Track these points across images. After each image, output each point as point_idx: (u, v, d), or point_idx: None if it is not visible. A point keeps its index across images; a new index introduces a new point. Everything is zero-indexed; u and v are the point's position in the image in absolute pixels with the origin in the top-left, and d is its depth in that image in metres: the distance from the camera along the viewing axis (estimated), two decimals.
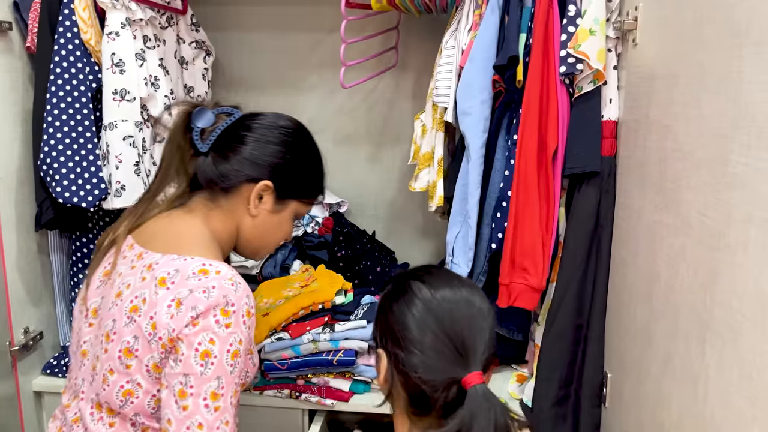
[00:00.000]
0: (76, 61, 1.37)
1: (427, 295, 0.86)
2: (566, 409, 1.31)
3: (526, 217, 1.26)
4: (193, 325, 0.90)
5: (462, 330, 0.83)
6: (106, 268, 1.04)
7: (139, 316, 0.93)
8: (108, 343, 0.95)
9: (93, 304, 1.03)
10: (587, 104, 1.25)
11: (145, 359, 0.92)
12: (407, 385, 0.84)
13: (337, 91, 1.84)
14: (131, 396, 0.94)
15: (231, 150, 1.03)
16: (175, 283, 0.93)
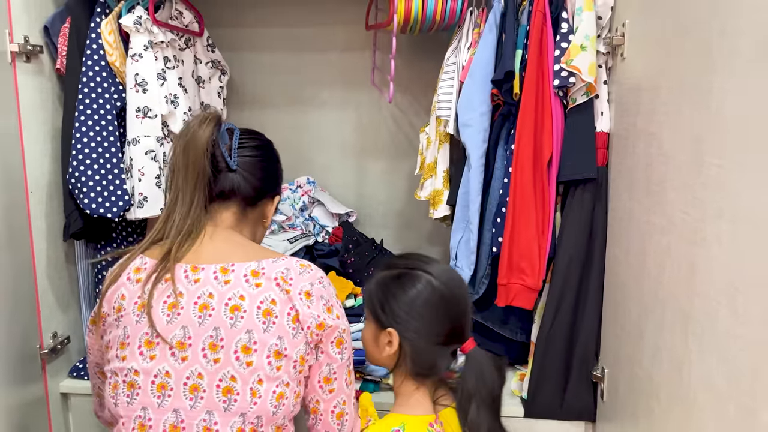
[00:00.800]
0: (102, 81, 1.47)
1: (435, 282, 1.04)
2: (560, 402, 1.38)
3: (522, 221, 1.34)
4: (329, 311, 1.02)
5: (458, 307, 1.06)
6: (168, 302, 0.99)
7: (276, 317, 0.98)
8: (250, 356, 0.96)
9: (175, 338, 0.98)
10: (581, 115, 1.33)
11: (294, 354, 0.98)
12: (416, 354, 1.05)
13: (347, 107, 1.93)
14: (283, 398, 0.98)
15: (254, 167, 1.09)
16: (294, 278, 1.01)
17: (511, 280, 1.36)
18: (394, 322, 1.05)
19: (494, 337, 1.56)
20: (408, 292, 1.05)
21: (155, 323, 0.98)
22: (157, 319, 0.98)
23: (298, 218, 1.86)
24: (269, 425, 0.98)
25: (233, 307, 0.98)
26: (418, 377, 1.08)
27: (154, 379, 0.97)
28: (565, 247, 1.35)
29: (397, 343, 1.05)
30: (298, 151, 1.98)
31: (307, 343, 1.00)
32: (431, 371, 1.07)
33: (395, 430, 1.04)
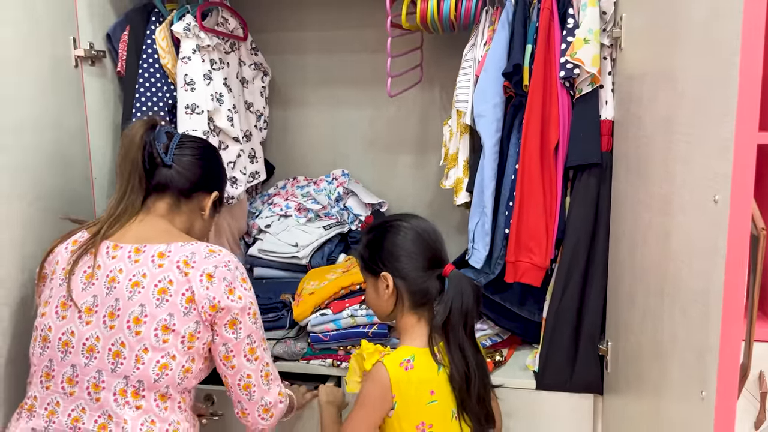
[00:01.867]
0: (156, 82, 1.66)
1: (407, 225, 1.29)
2: (569, 375, 1.47)
3: (531, 203, 1.44)
4: (230, 293, 1.15)
5: (434, 240, 1.28)
6: (87, 271, 1.15)
7: (170, 295, 1.13)
8: (139, 326, 1.11)
9: (85, 304, 1.14)
10: (587, 104, 1.42)
11: (182, 331, 1.13)
12: (409, 286, 1.26)
13: (380, 105, 2.07)
14: (166, 369, 1.12)
15: (190, 164, 1.27)
16: (197, 262, 1.15)
17: (520, 258, 1.46)
18: (385, 266, 1.27)
19: (513, 317, 1.66)
20: (388, 239, 1.27)
21: (72, 289, 1.14)
22: (74, 285, 1.15)
23: (333, 208, 2.00)
24: (151, 391, 1.12)
25: (134, 283, 1.13)
26: (416, 308, 1.27)
27: (61, 336, 1.14)
28: (572, 228, 1.45)
29: (392, 282, 1.25)
30: (333, 146, 2.13)
31: (199, 322, 1.14)
32: (425, 297, 1.25)
33: (407, 359, 1.22)
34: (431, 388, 1.22)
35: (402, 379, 1.21)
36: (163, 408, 1.14)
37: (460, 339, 1.22)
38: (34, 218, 1.33)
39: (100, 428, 1.11)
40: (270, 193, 2.11)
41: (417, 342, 1.26)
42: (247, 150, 1.94)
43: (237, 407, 1.25)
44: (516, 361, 1.63)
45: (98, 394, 1.11)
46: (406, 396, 1.21)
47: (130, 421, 1.10)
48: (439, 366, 1.23)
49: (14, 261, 1.25)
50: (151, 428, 1.12)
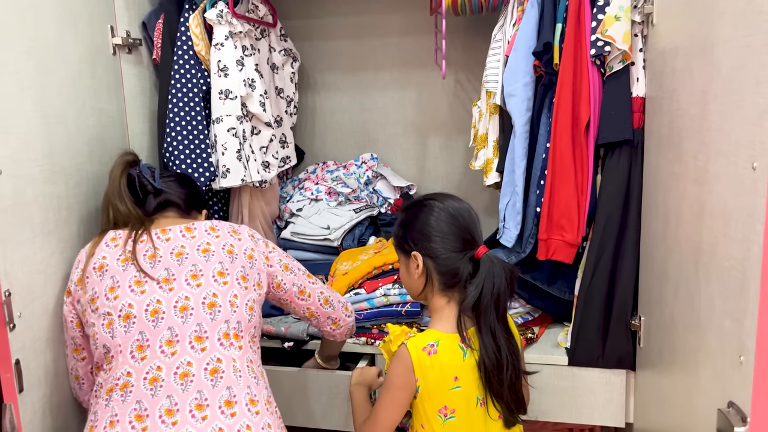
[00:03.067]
0: (191, 69, 1.69)
1: (440, 205, 1.28)
2: (601, 351, 1.49)
3: (562, 180, 1.45)
4: (266, 245, 1.37)
5: (467, 221, 1.28)
6: (147, 254, 1.24)
7: (236, 255, 1.29)
8: (225, 277, 1.25)
9: (161, 276, 1.22)
10: (618, 81, 1.43)
11: (253, 278, 1.29)
12: (439, 267, 1.26)
13: (407, 88, 2.09)
14: (253, 311, 1.26)
15: (176, 186, 1.41)
16: (238, 230, 1.34)
17: (551, 236, 1.48)
18: (415, 245, 1.28)
19: (543, 296, 1.68)
20: (420, 218, 1.28)
21: (142, 268, 1.22)
22: (143, 266, 1.23)
23: (362, 191, 2.03)
24: (247, 332, 1.23)
25: (203, 249, 1.27)
26: (446, 290, 1.27)
27: (146, 307, 1.18)
28: (603, 205, 1.46)
29: (422, 262, 1.27)
30: (363, 130, 2.16)
31: (259, 273, 1.31)
32: (455, 279, 1.25)
33: (431, 344, 1.22)
34: (455, 374, 1.22)
35: (425, 363, 1.21)
36: (255, 349, 1.26)
37: (491, 323, 1.21)
38: (77, 201, 1.37)
39: (212, 372, 1.15)
40: (300, 177, 2.14)
41: (445, 326, 1.26)
42: (278, 135, 1.97)
43: (327, 324, 1.45)
44: (548, 338, 1.65)
45: (202, 344, 1.17)
46: (429, 380, 1.21)
47: (238, 360, 1.19)
48: (465, 352, 1.22)
49: (58, 239, 1.30)
50: (251, 366, 1.21)
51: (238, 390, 1.15)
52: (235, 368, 1.17)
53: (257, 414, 1.15)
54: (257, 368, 1.23)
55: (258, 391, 1.18)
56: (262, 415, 1.15)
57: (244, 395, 1.15)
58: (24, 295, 1.17)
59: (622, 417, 1.53)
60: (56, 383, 1.27)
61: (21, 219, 1.18)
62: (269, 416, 1.17)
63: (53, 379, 1.26)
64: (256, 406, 1.15)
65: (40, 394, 1.22)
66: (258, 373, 1.22)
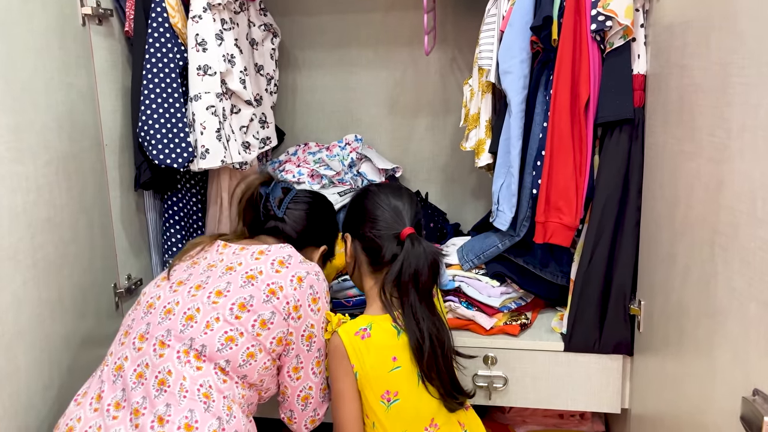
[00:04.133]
0: (167, 42, 1.59)
1: (374, 189, 1.37)
2: (598, 336, 1.45)
3: (560, 161, 1.40)
4: (313, 302, 1.24)
5: (397, 203, 1.33)
6: (195, 260, 1.30)
7: (255, 282, 1.21)
8: (219, 298, 1.18)
9: (179, 279, 1.26)
10: (618, 58, 1.38)
11: (256, 315, 1.18)
12: (366, 247, 1.32)
13: (392, 66, 2.02)
14: (231, 342, 1.15)
15: (299, 218, 1.41)
16: (292, 264, 1.25)
17: (549, 218, 1.43)
18: (347, 228, 1.38)
19: (535, 280, 1.63)
20: (355, 203, 1.38)
21: (174, 269, 1.29)
22: (178, 267, 1.29)
23: (347, 174, 1.96)
24: (212, 361, 1.14)
25: (228, 267, 1.24)
26: (374, 270, 1.32)
27: (149, 300, 1.24)
28: (602, 187, 1.41)
29: (350, 242, 1.35)
30: (346, 110, 2.08)
31: (275, 314, 1.19)
32: (381, 258, 1.29)
33: (363, 328, 1.24)
34: (392, 353, 1.23)
35: (359, 348, 1.22)
36: (222, 380, 1.14)
37: (411, 301, 1.24)
38: (47, 182, 1.27)
39: (160, 383, 1.11)
40: (281, 159, 2.06)
41: (376, 308, 1.30)
42: (258, 114, 1.88)
43: (285, 413, 1.32)
44: (541, 323, 1.61)
45: (162, 351, 1.14)
46: (366, 365, 1.22)
47: (188, 378, 1.11)
48: (398, 330, 1.25)
49: (27, 224, 1.20)
50: (209, 392, 1.11)
51: (174, 410, 1.08)
52: (182, 386, 1.10)
53: None
54: (223, 398, 1.12)
55: (202, 420, 1.08)
56: None
57: (181, 418, 1.07)
58: None
59: (618, 403, 1.50)
60: (27, 379, 1.18)
61: None
62: None
63: (24, 374, 1.17)
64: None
65: (9, 392, 1.13)
66: (222, 405, 1.11)
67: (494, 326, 1.54)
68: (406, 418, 1.24)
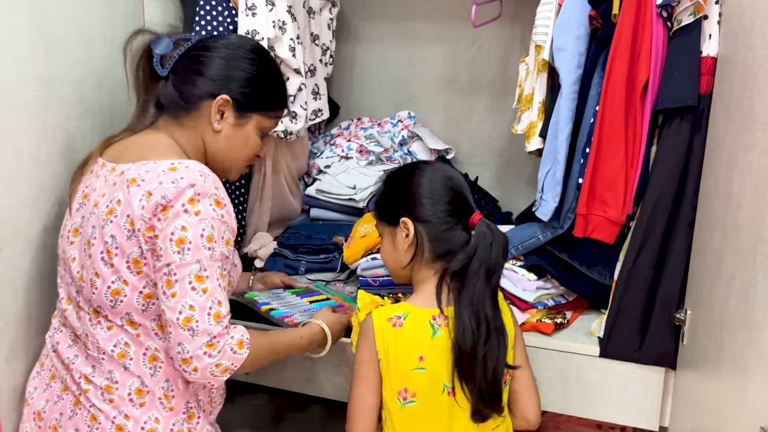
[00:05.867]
0: (217, 5, 1.58)
1: (429, 167, 1.19)
2: (639, 344, 1.32)
3: (610, 148, 1.27)
4: (163, 213, 0.99)
5: (459, 185, 1.18)
6: (85, 191, 1.11)
7: (115, 216, 1.02)
8: (90, 249, 1.04)
9: (73, 225, 1.11)
10: (686, 37, 1.23)
11: (126, 254, 1.02)
12: (431, 234, 1.14)
13: (456, 42, 1.93)
14: (119, 295, 1.03)
15: (189, 71, 1.12)
16: (146, 180, 1.01)
17: (592, 211, 1.31)
18: (405, 211, 1.15)
19: (580, 278, 1.51)
20: (409, 181, 1.17)
21: (72, 208, 1.12)
22: (74, 205, 1.12)
23: (396, 152, 1.89)
24: (116, 316, 1.05)
25: (94, 203, 1.06)
26: (436, 260, 1.15)
27: (61, 253, 1.13)
28: (655, 180, 1.27)
29: (412, 228, 1.14)
30: (403, 86, 2.01)
31: (140, 247, 1.01)
32: (447, 246, 1.14)
33: (397, 315, 1.13)
34: (420, 352, 1.11)
35: (387, 335, 1.11)
36: (136, 333, 1.06)
37: (476, 295, 1.08)
38: (80, 135, 1.29)
39: (84, 346, 1.09)
40: (333, 133, 2.02)
41: (422, 300, 1.15)
42: (310, 85, 1.85)
43: (176, 348, 1.00)
44: (581, 324, 1.49)
45: (80, 314, 1.10)
46: (390, 355, 1.11)
47: (101, 341, 1.06)
48: (435, 330, 1.11)
49: (50, 179, 1.22)
50: (124, 350, 1.06)
51: (98, 372, 1.08)
52: (99, 349, 1.07)
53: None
54: (143, 351, 1.07)
55: (122, 380, 1.06)
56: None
57: (102, 380, 1.07)
58: (5, 229, 1.10)
59: (657, 419, 1.36)
60: (39, 326, 1.20)
61: (3, 147, 1.10)
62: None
63: (35, 320, 1.19)
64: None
65: (17, 335, 1.16)
66: (143, 361, 1.06)
67: (526, 322, 1.44)
68: (418, 423, 1.13)
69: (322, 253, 1.65)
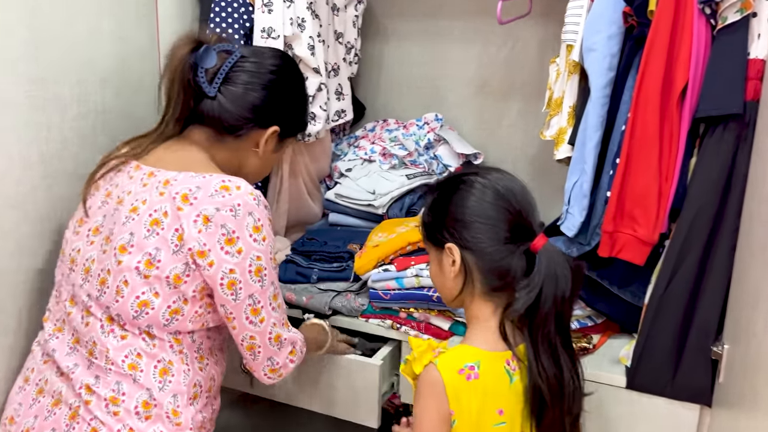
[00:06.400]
0: (233, 1, 1.53)
1: (483, 181, 0.99)
2: (671, 378, 1.19)
3: (641, 159, 1.15)
4: (230, 245, 1.00)
5: (521, 202, 0.98)
6: (108, 190, 1.09)
7: (162, 229, 1.00)
8: (124, 256, 1.01)
9: (95, 224, 1.08)
10: (731, 37, 1.10)
11: (167, 270, 1.00)
12: (483, 263, 0.97)
13: (489, 42, 1.81)
14: (146, 306, 1.01)
15: (239, 97, 1.09)
16: (198, 198, 1.00)
17: (619, 228, 1.19)
18: (450, 235, 0.98)
19: (610, 299, 1.38)
20: (455, 200, 0.99)
21: (89, 206, 1.10)
22: (93, 202, 1.10)
23: (421, 155, 1.80)
24: (134, 327, 1.02)
25: (132, 208, 1.03)
26: (491, 294, 0.99)
27: (71, 252, 1.09)
28: (693, 197, 1.14)
29: (459, 256, 0.98)
30: (432, 87, 1.91)
31: (189, 265, 1.00)
32: (504, 279, 0.98)
33: (470, 365, 0.95)
34: (500, 406, 0.95)
35: (462, 390, 0.94)
36: (152, 345, 1.04)
37: (551, 337, 0.93)
38: (77, 135, 1.25)
39: (89, 354, 1.04)
40: (357, 135, 1.95)
41: (485, 341, 0.98)
42: (333, 85, 1.77)
43: (244, 360, 1.15)
44: (608, 350, 1.36)
45: (88, 319, 1.05)
46: (467, 414, 0.94)
47: (112, 351, 1.03)
48: (511, 377, 0.95)
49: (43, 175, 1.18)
50: (136, 362, 1.03)
51: (103, 383, 1.03)
52: (108, 359, 1.03)
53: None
54: (155, 363, 1.04)
55: (129, 393, 1.02)
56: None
57: (107, 391, 1.03)
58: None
59: None
60: (27, 326, 1.17)
61: None
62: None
63: (25, 322, 1.16)
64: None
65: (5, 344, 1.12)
66: (153, 373, 1.04)
67: None
68: None
69: (335, 261, 1.57)
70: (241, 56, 1.12)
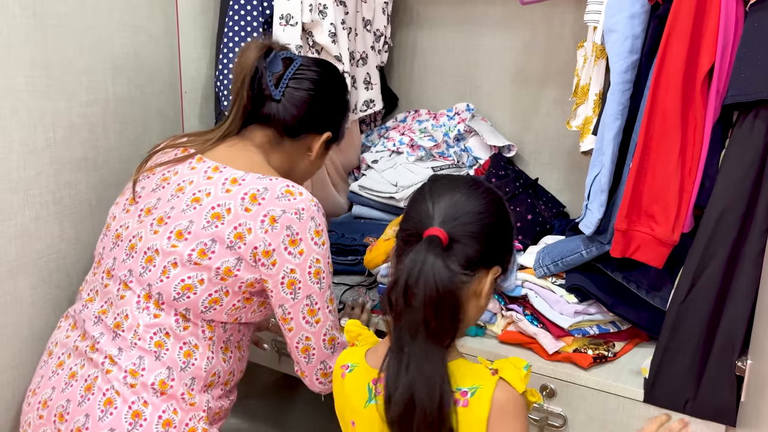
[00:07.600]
0: None
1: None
2: (692, 393, 1.07)
3: (661, 150, 1.04)
4: (294, 246, 1.05)
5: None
6: (165, 176, 1.13)
7: (222, 223, 1.05)
8: (180, 241, 1.05)
9: (147, 205, 1.12)
10: (765, 13, 0.97)
11: (219, 262, 1.04)
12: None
13: (521, 27, 1.72)
14: (189, 291, 1.05)
15: (302, 103, 1.16)
16: (266, 199, 1.06)
17: (633, 227, 1.08)
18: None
19: (637, 304, 1.27)
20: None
21: (143, 187, 1.14)
22: (147, 185, 1.14)
23: (450, 147, 1.73)
24: (171, 308, 1.05)
25: (195, 198, 1.07)
26: None
27: (118, 228, 1.13)
28: (719, 192, 1.02)
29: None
30: (466, 75, 1.83)
31: (241, 260, 1.04)
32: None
33: (347, 365, 0.98)
34: (352, 417, 0.93)
35: (336, 384, 1.00)
36: (183, 327, 1.07)
37: (403, 342, 0.81)
38: (85, 122, 1.27)
39: (115, 326, 1.07)
40: (388, 126, 1.89)
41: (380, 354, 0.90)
42: (362, 75, 1.73)
43: (295, 366, 1.17)
44: (631, 359, 1.25)
45: (125, 292, 1.08)
46: (337, 407, 1.00)
47: (142, 327, 1.05)
48: (369, 398, 0.88)
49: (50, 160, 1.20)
50: (163, 340, 1.06)
51: (125, 355, 1.05)
52: (135, 333, 1.05)
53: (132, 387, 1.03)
54: (181, 344, 1.06)
55: (149, 368, 1.04)
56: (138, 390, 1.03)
57: (129, 363, 1.04)
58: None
59: None
60: (30, 311, 1.19)
61: None
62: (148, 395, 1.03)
63: (27, 306, 1.19)
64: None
65: (11, 321, 1.15)
66: (178, 354, 1.06)
67: (560, 351, 1.23)
68: None
69: (350, 254, 1.53)
70: (301, 64, 1.19)
